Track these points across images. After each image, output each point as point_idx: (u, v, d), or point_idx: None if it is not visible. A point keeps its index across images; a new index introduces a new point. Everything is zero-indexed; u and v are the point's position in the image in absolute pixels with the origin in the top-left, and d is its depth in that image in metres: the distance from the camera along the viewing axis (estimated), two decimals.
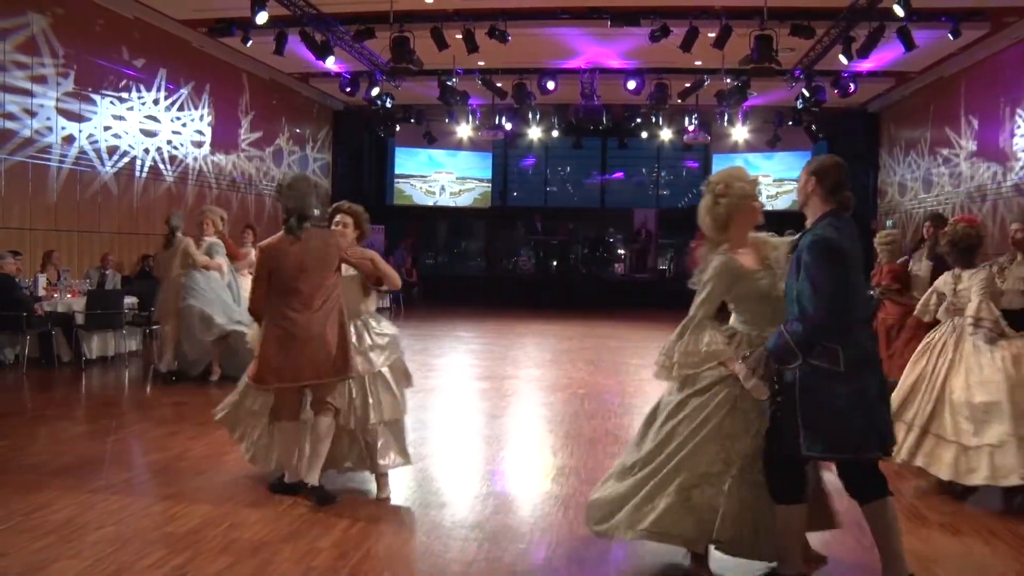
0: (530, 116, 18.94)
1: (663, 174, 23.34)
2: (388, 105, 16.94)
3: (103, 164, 12.21)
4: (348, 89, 16.35)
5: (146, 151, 13.21)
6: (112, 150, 12.37)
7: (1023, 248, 5.42)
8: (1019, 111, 12.79)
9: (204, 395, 7.89)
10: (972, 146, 14.49)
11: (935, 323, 5.48)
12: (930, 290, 5.62)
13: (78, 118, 11.66)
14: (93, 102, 11.96)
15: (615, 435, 6.60)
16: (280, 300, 4.66)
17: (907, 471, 5.33)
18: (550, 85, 15.75)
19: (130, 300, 10.13)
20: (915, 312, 5.83)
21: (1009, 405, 4.72)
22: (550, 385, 9.05)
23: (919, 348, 5.46)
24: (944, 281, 5.44)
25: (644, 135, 20.17)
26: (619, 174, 23.33)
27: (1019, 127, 12.82)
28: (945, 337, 5.25)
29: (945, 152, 15.58)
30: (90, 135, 11.90)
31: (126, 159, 12.73)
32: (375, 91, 15.97)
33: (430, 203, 22.30)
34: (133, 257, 12.89)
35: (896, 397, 5.18)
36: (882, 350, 6.97)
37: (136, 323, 10.18)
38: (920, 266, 7.21)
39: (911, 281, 7.15)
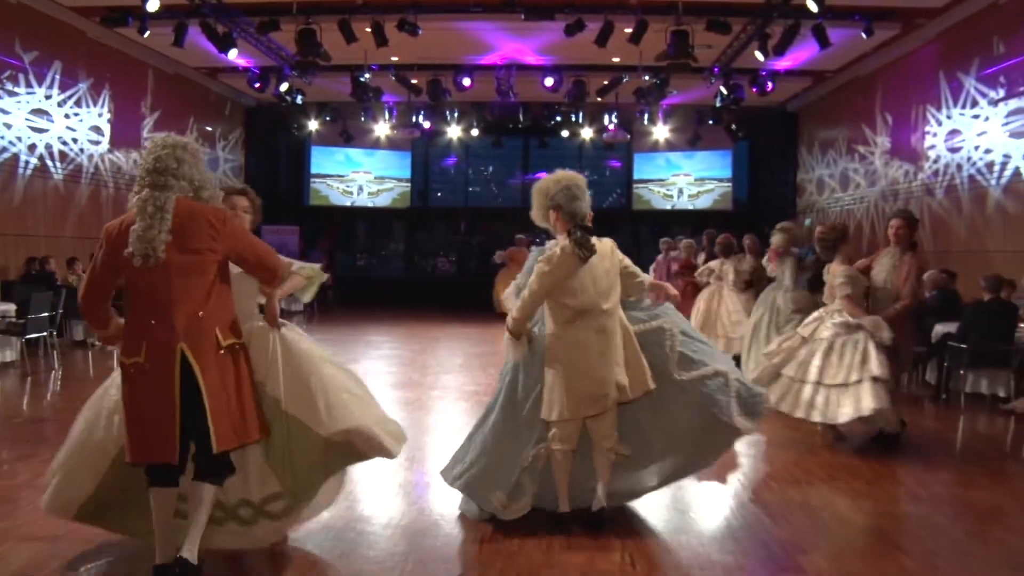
0: (448, 114, 18.48)
1: (587, 174, 22.89)
2: (299, 102, 16.25)
3: None
4: (257, 84, 15.70)
5: (31, 147, 12.35)
6: None
7: (900, 242, 6.28)
8: (930, 111, 12.85)
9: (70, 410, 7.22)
10: (887, 144, 14.55)
11: (701, 289, 10.13)
12: (704, 268, 10.29)
13: None
14: None
15: None
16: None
17: None
18: (466, 82, 15.29)
19: (5, 307, 9.37)
20: (696, 278, 10.43)
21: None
22: (456, 392, 8.63)
23: (704, 297, 9.97)
24: (716, 264, 9.98)
25: (565, 134, 19.87)
26: (542, 174, 22.87)
27: (930, 127, 12.88)
28: (714, 294, 9.92)
29: (861, 150, 15.64)
30: None
31: (6, 155, 11.84)
32: (284, 86, 15.33)
33: (347, 203, 21.64)
34: (19, 260, 12.05)
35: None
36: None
37: (10, 332, 9.34)
38: (701, 259, 11.53)
39: (695, 269, 11.27)
